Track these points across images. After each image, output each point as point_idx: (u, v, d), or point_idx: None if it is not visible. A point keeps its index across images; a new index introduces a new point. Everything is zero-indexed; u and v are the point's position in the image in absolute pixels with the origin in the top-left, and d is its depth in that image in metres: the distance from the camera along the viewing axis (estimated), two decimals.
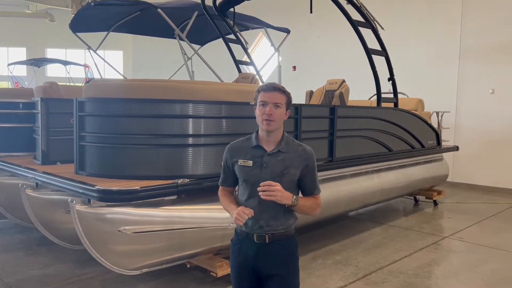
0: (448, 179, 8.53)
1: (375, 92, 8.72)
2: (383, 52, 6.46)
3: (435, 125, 7.66)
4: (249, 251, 2.34)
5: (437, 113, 7.86)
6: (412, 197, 8.08)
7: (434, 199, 7.75)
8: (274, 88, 2.27)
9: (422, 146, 7.02)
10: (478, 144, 9.34)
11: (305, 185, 2.38)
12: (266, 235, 2.30)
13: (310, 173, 2.36)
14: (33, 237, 5.50)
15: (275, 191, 2.16)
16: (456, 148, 8.28)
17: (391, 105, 6.62)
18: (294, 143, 2.38)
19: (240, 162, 2.34)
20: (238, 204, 2.40)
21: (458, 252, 5.37)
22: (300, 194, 2.40)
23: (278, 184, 2.19)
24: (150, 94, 3.80)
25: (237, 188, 2.50)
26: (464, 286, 4.32)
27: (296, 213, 2.40)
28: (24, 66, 18.32)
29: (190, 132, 3.88)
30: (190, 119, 3.87)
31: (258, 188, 2.19)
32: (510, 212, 7.41)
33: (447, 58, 9.77)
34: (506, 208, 7.66)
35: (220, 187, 2.55)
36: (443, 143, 7.89)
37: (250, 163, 2.31)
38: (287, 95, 2.31)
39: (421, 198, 8.07)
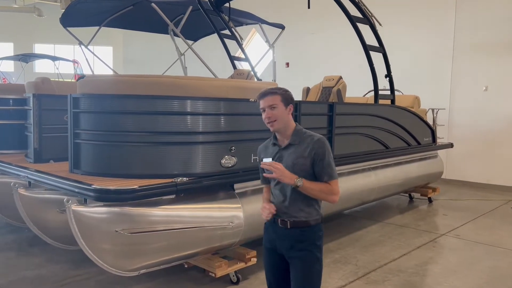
0: (442, 176, 8.55)
1: (369, 89, 8.72)
2: (381, 49, 6.40)
3: (430, 122, 7.65)
4: (274, 233, 2.58)
5: (433, 110, 7.85)
6: (407, 194, 8.08)
7: (429, 196, 7.75)
8: (266, 93, 2.49)
9: (418, 143, 7.00)
10: (471, 141, 9.37)
11: (317, 172, 2.50)
12: (288, 221, 2.50)
13: (319, 161, 2.47)
14: (25, 237, 5.37)
15: (275, 169, 2.38)
16: (450, 145, 8.29)
17: (388, 102, 6.58)
18: (305, 134, 2.54)
19: (264, 160, 2.53)
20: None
21: (455, 249, 5.35)
22: None
23: (280, 164, 2.42)
24: (148, 90, 3.69)
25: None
26: (464, 284, 4.30)
27: (319, 205, 2.58)
28: (12, 62, 18.00)
29: (189, 129, 3.78)
30: (189, 116, 3.77)
31: (261, 164, 2.45)
32: (503, 209, 7.44)
33: (440, 55, 9.77)
34: (499, 205, 7.69)
35: (264, 186, 2.79)
36: (437, 140, 7.89)
37: (269, 160, 2.50)
38: (281, 93, 2.50)
39: (415, 195, 8.08)
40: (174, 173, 3.75)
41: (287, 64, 12.70)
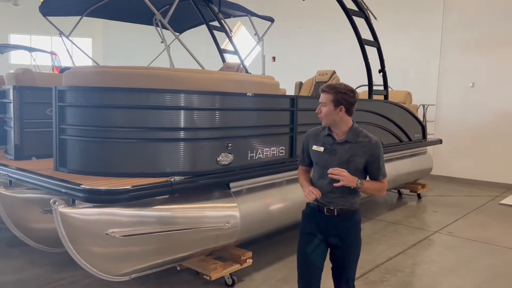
0: None
1: (357, 85, 8.60)
2: (375, 43, 6.28)
3: (420, 118, 7.59)
4: (320, 221, 2.75)
5: (423, 106, 7.80)
6: (396, 191, 8.02)
7: (418, 192, 7.71)
8: (323, 90, 2.70)
9: (410, 139, 6.93)
10: (458, 137, 9.39)
11: (371, 171, 2.73)
12: (335, 209, 2.71)
13: (375, 161, 2.69)
14: (2, 237, 5.06)
15: (342, 176, 2.53)
16: (440, 142, 8.27)
17: (381, 97, 6.47)
18: (362, 134, 2.70)
19: (314, 147, 2.76)
20: (311, 181, 2.84)
21: (450, 247, 5.29)
22: (368, 178, 2.78)
23: (345, 170, 2.56)
24: (140, 83, 3.45)
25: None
26: (463, 283, 4.23)
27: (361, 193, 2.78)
28: None
29: (184, 125, 3.56)
30: (184, 111, 3.55)
31: (329, 172, 2.56)
32: (492, 205, 7.46)
33: (428, 52, 9.73)
34: (487, 201, 7.71)
35: (300, 166, 2.97)
36: (427, 137, 7.85)
37: (321, 149, 2.72)
38: (334, 93, 2.63)
39: (404, 191, 8.03)
40: (167, 171, 3.53)
41: (273, 58, 12.51)
